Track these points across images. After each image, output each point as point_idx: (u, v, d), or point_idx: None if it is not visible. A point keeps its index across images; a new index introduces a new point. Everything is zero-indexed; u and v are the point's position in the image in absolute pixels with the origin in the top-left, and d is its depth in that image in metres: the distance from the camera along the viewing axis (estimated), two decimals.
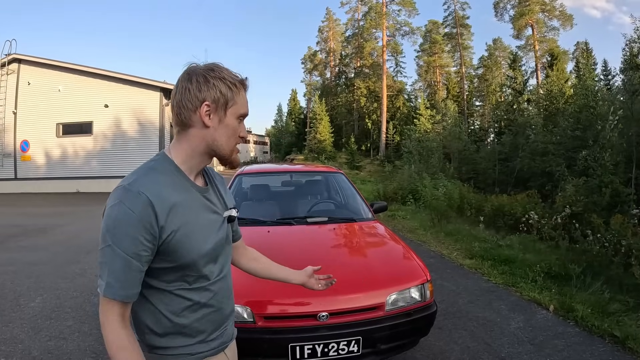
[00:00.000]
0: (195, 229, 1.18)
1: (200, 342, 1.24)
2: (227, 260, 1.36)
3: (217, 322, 1.28)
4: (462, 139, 24.43)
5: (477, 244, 6.89)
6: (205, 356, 1.26)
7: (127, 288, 1.08)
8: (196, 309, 1.22)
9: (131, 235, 1.06)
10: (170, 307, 1.18)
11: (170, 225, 1.11)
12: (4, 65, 18.58)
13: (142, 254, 1.08)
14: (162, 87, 18.61)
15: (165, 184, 1.15)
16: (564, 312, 4.08)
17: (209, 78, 1.17)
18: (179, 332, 1.20)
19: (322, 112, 50.14)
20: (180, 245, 1.13)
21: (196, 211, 1.21)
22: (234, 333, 1.43)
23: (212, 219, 1.26)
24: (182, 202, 1.16)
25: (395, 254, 3.34)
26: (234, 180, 4.75)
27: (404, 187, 14.26)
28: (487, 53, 50.17)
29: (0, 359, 3.30)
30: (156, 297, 1.18)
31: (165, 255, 1.13)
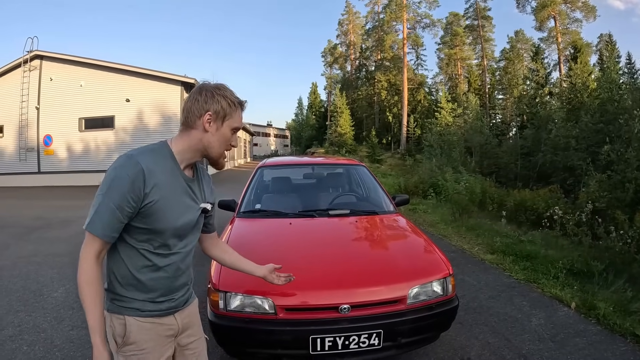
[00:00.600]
0: (171, 205, 1.48)
1: (150, 300, 1.52)
2: (191, 242, 1.62)
3: (167, 288, 1.55)
4: (484, 133, 24.15)
5: (498, 239, 6.80)
6: (152, 315, 1.53)
7: (105, 229, 1.38)
8: (152, 270, 1.50)
9: (121, 192, 1.36)
10: (133, 262, 1.48)
11: (152, 194, 1.41)
12: (26, 62, 18.99)
13: (125, 209, 1.38)
14: (182, 81, 18.83)
15: (159, 163, 1.46)
16: (585, 309, 4.00)
17: (215, 94, 1.50)
18: (134, 286, 1.49)
19: (343, 106, 50.00)
20: (155, 213, 1.43)
21: (177, 193, 1.51)
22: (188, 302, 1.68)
23: (189, 204, 1.56)
24: (167, 181, 1.47)
25: (418, 247, 3.33)
26: (255, 173, 4.78)
27: (425, 181, 14.16)
28: (509, 45, 49.42)
29: (23, 347, 3.38)
30: (125, 251, 1.48)
31: (143, 217, 1.43)
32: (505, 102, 46.62)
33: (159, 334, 1.55)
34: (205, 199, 1.65)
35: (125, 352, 1.50)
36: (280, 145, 73.79)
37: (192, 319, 1.71)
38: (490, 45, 51.89)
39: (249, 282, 2.67)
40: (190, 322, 1.70)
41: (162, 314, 1.56)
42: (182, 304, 1.63)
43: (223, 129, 1.52)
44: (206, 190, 1.68)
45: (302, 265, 2.92)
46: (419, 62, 54.93)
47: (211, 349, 3.25)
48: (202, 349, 1.77)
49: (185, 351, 1.69)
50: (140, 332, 1.50)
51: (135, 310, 1.49)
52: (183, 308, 1.64)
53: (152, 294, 1.52)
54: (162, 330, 1.56)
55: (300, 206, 4.19)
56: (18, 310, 4.18)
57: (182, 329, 1.64)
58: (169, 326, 1.58)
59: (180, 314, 1.63)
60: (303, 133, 68.96)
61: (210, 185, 1.73)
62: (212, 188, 1.75)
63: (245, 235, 3.58)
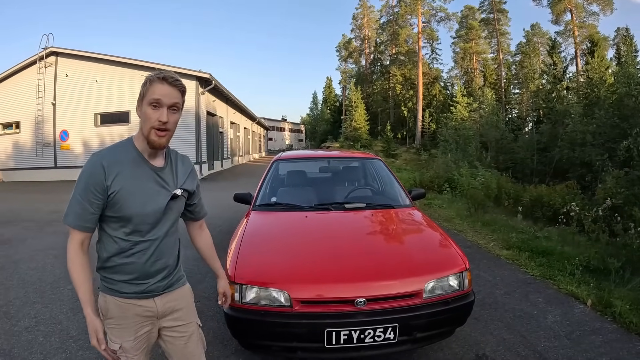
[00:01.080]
0: (135, 193, 1.60)
1: (126, 282, 1.67)
2: (163, 229, 1.71)
3: (141, 273, 1.67)
4: (500, 128, 23.90)
5: (514, 234, 6.74)
6: (129, 297, 1.68)
7: (78, 220, 1.57)
8: (125, 256, 1.64)
9: (85, 186, 1.55)
10: (110, 248, 1.64)
11: (114, 185, 1.57)
12: (42, 58, 19.21)
13: (92, 200, 1.56)
14: (197, 76, 18.90)
15: (120, 157, 1.61)
16: (601, 307, 3.95)
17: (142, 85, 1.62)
18: (112, 268, 1.66)
19: (358, 100, 49.80)
20: (120, 201, 1.58)
21: (141, 181, 1.63)
22: (171, 287, 1.79)
23: (156, 190, 1.67)
24: (129, 171, 1.60)
25: (434, 241, 3.31)
26: (271, 166, 4.80)
27: (440, 176, 14.09)
28: (525, 39, 48.63)
29: (39, 338, 3.44)
30: (104, 238, 1.66)
31: (111, 206, 1.59)
32: (521, 97, 45.99)
33: (135, 313, 1.71)
34: (178, 185, 1.74)
35: (107, 324, 1.70)
36: (295, 140, 73.76)
37: (179, 303, 1.82)
38: (506, 39, 51.20)
39: (265, 275, 2.70)
40: (176, 306, 1.81)
41: (140, 297, 1.70)
42: (161, 289, 1.74)
43: (143, 108, 1.60)
44: (180, 177, 1.76)
45: (318, 258, 2.94)
46: (434, 56, 54.53)
47: (226, 341, 3.31)
48: (192, 334, 1.88)
49: (173, 334, 1.82)
50: (117, 309, 1.69)
51: (115, 291, 1.67)
52: (164, 293, 1.76)
53: (128, 276, 1.66)
54: (140, 310, 1.71)
55: (316, 199, 4.19)
56: (35, 302, 4.25)
57: (162, 312, 1.77)
58: (146, 308, 1.72)
59: (162, 298, 1.75)
60: (318, 127, 68.83)
61: (188, 172, 1.82)
62: (192, 175, 1.84)
63: (261, 228, 3.60)
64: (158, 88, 1.57)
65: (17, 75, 19.97)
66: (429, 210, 9.86)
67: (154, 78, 1.58)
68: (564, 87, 27.88)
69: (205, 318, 3.80)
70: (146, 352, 1.81)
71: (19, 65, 19.74)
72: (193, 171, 1.86)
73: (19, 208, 10.56)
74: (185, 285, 1.89)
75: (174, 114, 1.64)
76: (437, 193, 12.69)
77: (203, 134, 19.67)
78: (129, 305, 1.69)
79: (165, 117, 1.59)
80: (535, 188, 11.08)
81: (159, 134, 1.60)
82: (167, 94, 1.58)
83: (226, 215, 8.69)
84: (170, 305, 1.78)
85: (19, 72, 19.92)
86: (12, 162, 20.30)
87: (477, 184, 10.58)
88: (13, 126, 20.47)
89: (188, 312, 1.87)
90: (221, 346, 3.28)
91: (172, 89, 1.60)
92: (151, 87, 1.58)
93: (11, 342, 3.38)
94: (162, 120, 1.59)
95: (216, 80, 19.50)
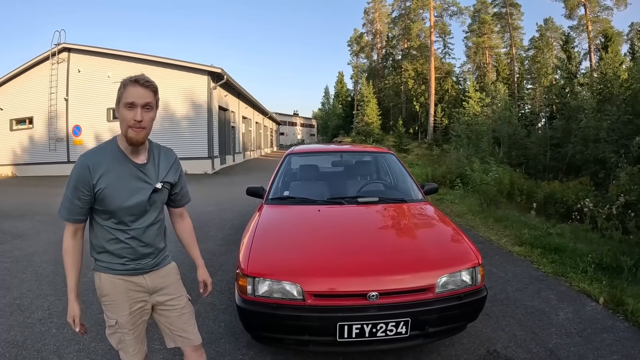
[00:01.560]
0: (119, 189, 1.77)
1: (118, 263, 1.86)
2: (149, 218, 1.89)
3: (133, 255, 1.87)
4: (513, 123, 23.65)
5: (526, 231, 6.68)
6: (121, 273, 1.87)
7: (69, 214, 1.79)
8: (116, 242, 1.84)
9: (74, 185, 1.74)
10: (102, 236, 1.84)
11: (100, 183, 1.74)
12: (54, 54, 19.37)
13: (81, 197, 1.75)
14: (209, 71, 18.98)
15: (104, 157, 1.78)
16: (613, 305, 3.90)
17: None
18: (104, 253, 1.86)
19: (370, 95, 49.60)
20: (106, 198, 1.76)
21: (124, 179, 1.79)
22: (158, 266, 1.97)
23: (139, 186, 1.83)
24: (112, 170, 1.77)
25: (447, 236, 3.30)
26: (283, 160, 4.80)
27: (452, 171, 14.04)
28: (538, 34, 48.19)
29: (52, 330, 3.50)
30: (96, 228, 1.86)
31: (99, 201, 1.77)
32: (534, 92, 45.51)
33: (128, 289, 1.89)
34: (160, 179, 1.90)
35: (103, 301, 1.91)
36: (307, 135, 73.65)
37: (167, 280, 2.01)
38: (519, 34, 50.62)
39: (278, 268, 2.71)
40: (164, 282, 2.00)
41: (130, 274, 1.89)
42: (149, 267, 1.93)
43: (120, 111, 1.74)
44: (162, 170, 1.92)
45: (331, 251, 2.94)
46: (446, 50, 54.20)
47: (237, 334, 3.34)
48: (184, 306, 2.06)
49: (166, 307, 2.01)
50: (111, 286, 1.88)
51: (107, 269, 1.87)
52: (152, 271, 1.95)
53: (120, 259, 1.86)
54: (132, 286, 1.90)
55: (329, 193, 4.19)
56: (48, 295, 4.31)
57: (152, 288, 1.96)
58: (137, 284, 1.91)
59: (151, 275, 1.95)
60: (330, 122, 68.62)
61: (170, 164, 1.97)
62: (175, 167, 2.01)
63: (274, 222, 3.61)
64: (131, 91, 1.72)
65: (30, 71, 20.15)
66: (441, 205, 9.81)
67: (127, 82, 1.73)
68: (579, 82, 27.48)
69: (217, 311, 3.84)
70: (142, 329, 1.99)
71: (32, 61, 19.92)
72: (176, 162, 2.02)
73: (33, 202, 10.70)
74: (171, 264, 2.07)
75: (148, 113, 1.76)
76: (449, 188, 12.63)
77: (215, 128, 19.73)
78: (121, 281, 1.88)
79: (140, 116, 1.73)
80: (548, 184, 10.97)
81: (135, 130, 1.74)
82: (140, 95, 1.72)
83: (238, 209, 8.76)
84: (160, 282, 1.98)
85: (31, 69, 20.10)
86: (25, 157, 20.56)
87: (490, 179, 10.50)
88: (26, 121, 20.70)
89: (177, 287, 2.05)
90: (233, 339, 3.31)
91: (145, 90, 1.74)
92: (125, 91, 1.72)
93: (25, 333, 3.43)
94: (137, 119, 1.73)
95: (228, 75, 19.55)
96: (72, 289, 1.85)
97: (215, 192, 12.61)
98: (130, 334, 1.93)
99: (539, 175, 16.45)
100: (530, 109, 41.45)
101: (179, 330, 2.05)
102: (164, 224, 2.05)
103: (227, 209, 9.08)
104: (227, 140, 23.19)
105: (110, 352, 3.08)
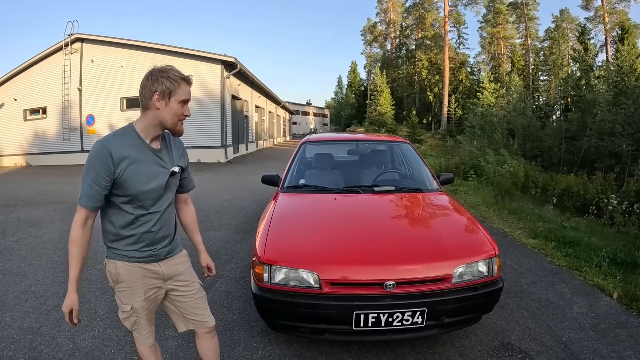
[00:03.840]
0: (139, 174, 1.81)
1: (135, 250, 1.90)
2: (166, 201, 1.96)
3: (149, 240, 1.92)
4: (527, 115, 23.39)
5: (541, 223, 6.63)
6: (137, 261, 1.92)
7: (89, 201, 1.78)
8: (135, 227, 1.88)
9: (95, 169, 1.74)
10: (118, 222, 1.87)
11: (121, 167, 1.76)
12: (67, 45, 19.44)
13: (101, 182, 1.75)
14: (222, 60, 18.94)
15: (125, 143, 1.80)
16: (627, 301, 3.86)
17: (158, 77, 1.78)
18: (121, 239, 1.89)
19: (383, 84, 49.18)
20: (126, 182, 1.78)
21: (144, 163, 1.83)
22: (171, 253, 2.03)
23: (158, 170, 1.88)
24: (133, 155, 1.80)
25: (463, 226, 3.29)
26: (299, 149, 4.80)
27: (466, 162, 13.95)
28: (553, 25, 47.36)
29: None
30: (112, 214, 1.88)
31: (118, 186, 1.79)
32: (549, 84, 44.85)
33: (143, 276, 1.95)
34: (175, 163, 1.98)
35: (118, 288, 1.97)
36: (320, 124, 73.23)
37: (180, 267, 2.08)
38: (535, 24, 49.75)
39: (295, 255, 2.71)
40: (178, 269, 2.07)
41: (146, 261, 1.94)
42: (163, 254, 1.99)
43: (171, 104, 1.80)
44: (175, 156, 1.99)
45: (348, 240, 2.94)
46: (460, 40, 53.60)
47: (252, 322, 3.37)
48: (197, 290, 2.14)
49: (180, 293, 2.08)
50: (127, 273, 1.92)
51: (123, 256, 1.91)
52: (166, 258, 2.01)
53: (137, 245, 1.90)
54: (147, 273, 1.96)
55: (344, 182, 4.19)
56: (62, 282, 4.33)
57: (167, 275, 2.02)
58: (153, 271, 1.97)
59: (165, 263, 2.01)
60: (342, 112, 68.11)
61: (181, 151, 2.05)
62: (184, 153, 2.08)
63: (290, 210, 3.61)
64: (185, 89, 1.82)
65: (43, 62, 20.26)
66: (455, 196, 9.69)
67: (179, 80, 1.80)
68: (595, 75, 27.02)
69: (231, 299, 3.87)
70: (153, 311, 2.10)
71: (45, 52, 20.03)
72: (184, 150, 2.11)
73: (47, 191, 10.78)
74: (183, 251, 2.14)
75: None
76: (463, 179, 12.58)
77: (228, 117, 19.75)
78: (138, 269, 1.93)
79: (188, 111, 1.88)
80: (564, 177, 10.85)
81: (182, 123, 1.89)
82: (189, 92, 1.86)
83: (251, 198, 8.78)
84: (174, 269, 2.04)
85: (44, 59, 20.21)
86: (39, 147, 20.73)
87: (504, 171, 10.41)
88: (40, 111, 20.88)
89: (190, 273, 2.13)
90: (247, 327, 3.33)
91: (190, 88, 1.86)
92: (180, 88, 1.80)
93: (40, 320, 3.48)
94: (188, 115, 1.87)
95: (241, 64, 19.50)
96: (74, 280, 1.86)
97: (228, 180, 12.67)
98: (144, 318, 2.03)
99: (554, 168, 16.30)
100: (545, 101, 40.94)
101: (194, 315, 2.14)
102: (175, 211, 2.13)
103: (241, 197, 9.10)
104: (240, 129, 23.19)
105: (125, 338, 3.13)
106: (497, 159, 12.34)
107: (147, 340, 2.12)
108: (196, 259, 2.28)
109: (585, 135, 17.46)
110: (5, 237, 6.12)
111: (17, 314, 3.60)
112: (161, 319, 3.21)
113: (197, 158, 18.08)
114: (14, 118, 20.98)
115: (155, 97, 1.79)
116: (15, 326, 3.37)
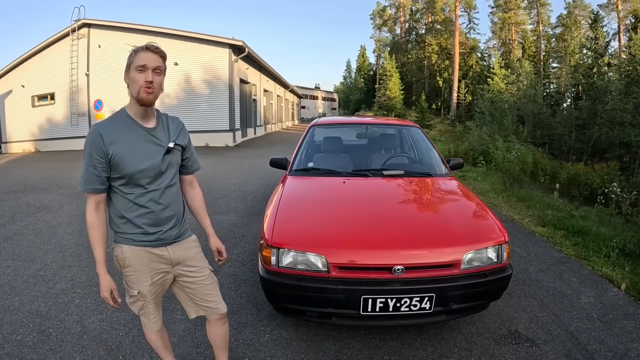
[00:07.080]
0: (132, 153, 1.83)
1: (142, 233, 1.91)
2: (165, 180, 1.94)
3: (153, 221, 1.92)
4: (538, 102, 23.14)
5: (549, 211, 6.58)
6: (144, 245, 1.93)
7: (88, 184, 1.83)
8: (137, 208, 1.89)
9: (89, 153, 1.80)
10: (121, 205, 1.90)
11: (113, 148, 1.79)
12: (74, 30, 19.35)
13: (97, 165, 1.80)
14: (230, 44, 18.80)
15: (115, 125, 1.85)
16: (635, 292, 3.83)
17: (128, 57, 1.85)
18: (126, 223, 1.91)
19: (392, 69, 48.68)
20: (121, 162, 1.81)
21: (137, 143, 1.86)
22: (180, 237, 2.04)
23: (152, 148, 1.89)
24: (124, 135, 1.84)
25: (473, 212, 3.25)
26: (307, 132, 4.76)
27: (475, 148, 13.86)
28: (566, 11, 46.49)
29: (76, 300, 3.57)
30: (115, 198, 1.91)
31: (114, 167, 1.82)
32: (560, 71, 44.24)
33: (150, 260, 1.96)
34: (171, 140, 1.97)
35: (125, 272, 1.98)
36: (328, 109, 72.74)
37: (189, 252, 2.08)
38: (547, 10, 48.93)
39: (303, 239, 2.69)
40: (187, 254, 2.06)
41: (154, 245, 1.95)
42: (171, 237, 1.99)
43: (131, 74, 1.82)
44: (172, 133, 1.99)
45: (357, 224, 2.91)
46: (471, 25, 52.93)
47: (259, 305, 3.38)
48: (207, 276, 2.14)
49: (190, 279, 2.08)
50: (134, 257, 1.94)
51: (130, 240, 1.92)
52: (175, 242, 2.01)
53: (142, 228, 1.91)
54: (155, 258, 1.97)
55: (353, 165, 4.15)
56: (71, 265, 4.38)
57: (175, 260, 2.02)
58: (160, 256, 1.98)
59: (173, 247, 2.01)
60: (351, 96, 67.63)
61: (179, 129, 2.05)
62: (183, 132, 2.07)
63: (298, 193, 3.60)
64: (142, 56, 1.81)
65: (50, 48, 20.21)
66: (464, 182, 9.60)
67: (138, 49, 1.83)
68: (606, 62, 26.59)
69: (239, 282, 3.89)
70: (160, 296, 2.11)
71: (52, 38, 19.95)
72: (184, 128, 2.09)
73: (56, 176, 10.82)
74: (192, 236, 2.13)
75: (158, 76, 1.85)
76: (472, 165, 12.50)
77: (236, 101, 19.67)
78: (145, 253, 1.94)
79: (151, 77, 1.82)
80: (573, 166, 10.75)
81: (147, 91, 1.82)
82: (150, 59, 1.81)
83: (259, 182, 8.79)
84: (182, 254, 2.04)
85: (52, 45, 20.14)
86: (47, 133, 20.77)
87: (513, 157, 10.32)
88: (48, 97, 20.86)
89: (199, 259, 2.12)
90: (255, 310, 3.35)
91: (155, 55, 1.82)
92: (137, 56, 1.81)
93: (48, 304, 3.51)
94: (148, 79, 1.81)
95: (249, 48, 19.36)
96: (102, 263, 1.91)
97: (236, 164, 12.68)
98: (151, 303, 2.05)
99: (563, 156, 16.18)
100: (555, 88, 40.44)
101: (204, 301, 2.13)
102: (181, 194, 2.13)
103: (249, 180, 9.13)
104: (248, 113, 23.12)
105: (132, 322, 3.15)
106: (507, 146, 12.22)
107: (154, 325, 2.14)
108: (206, 244, 2.25)
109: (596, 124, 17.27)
110: (14, 222, 6.17)
111: (25, 297, 3.63)
112: (168, 302, 3.23)
113: (205, 142, 18.12)
114: (23, 104, 21.01)
115: (124, 77, 1.86)
116: (24, 310, 3.40)
